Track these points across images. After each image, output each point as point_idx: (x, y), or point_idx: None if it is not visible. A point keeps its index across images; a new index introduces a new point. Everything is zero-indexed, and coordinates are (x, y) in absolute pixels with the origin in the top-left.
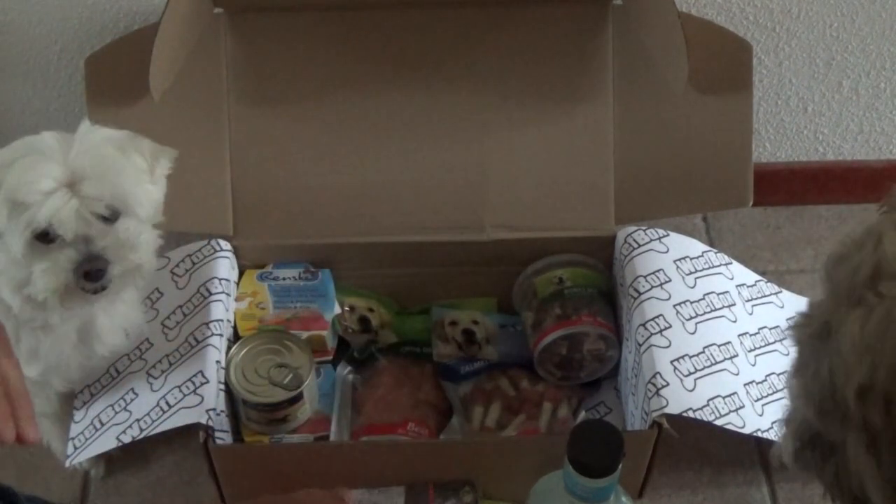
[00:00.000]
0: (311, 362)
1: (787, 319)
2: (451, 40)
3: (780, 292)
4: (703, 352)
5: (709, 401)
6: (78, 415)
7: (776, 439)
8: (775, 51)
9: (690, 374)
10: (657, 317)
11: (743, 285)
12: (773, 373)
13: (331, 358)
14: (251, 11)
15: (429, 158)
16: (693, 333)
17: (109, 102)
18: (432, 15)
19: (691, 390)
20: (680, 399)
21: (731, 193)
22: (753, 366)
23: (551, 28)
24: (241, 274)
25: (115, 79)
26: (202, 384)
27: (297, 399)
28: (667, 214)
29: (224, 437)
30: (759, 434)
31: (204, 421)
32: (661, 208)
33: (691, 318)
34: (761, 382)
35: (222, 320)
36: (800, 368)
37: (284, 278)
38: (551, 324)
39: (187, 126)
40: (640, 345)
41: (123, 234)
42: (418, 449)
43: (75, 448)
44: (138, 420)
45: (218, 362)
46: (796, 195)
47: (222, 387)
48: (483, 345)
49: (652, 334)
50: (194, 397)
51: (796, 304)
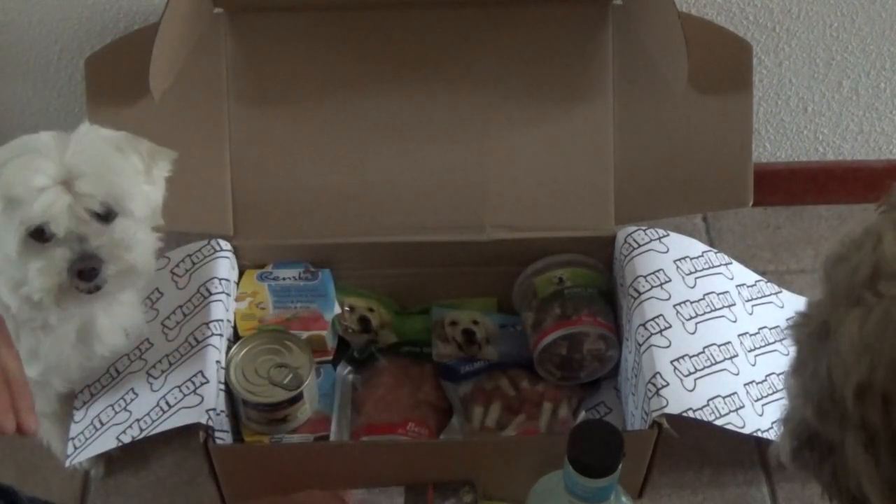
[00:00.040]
0: (311, 362)
1: (786, 319)
2: (451, 40)
3: (780, 292)
4: (703, 352)
5: (709, 401)
6: (78, 415)
7: (776, 439)
8: (775, 51)
9: (690, 374)
10: (657, 317)
11: (743, 285)
12: (773, 373)
13: (331, 358)
14: (251, 11)
15: (429, 158)
16: (693, 333)
17: (109, 102)
18: (432, 15)
19: (691, 390)
20: (680, 399)
21: (731, 193)
22: (753, 366)
23: (551, 28)
24: (241, 274)
25: (115, 79)
26: (202, 384)
27: (297, 399)
28: (667, 214)
29: (224, 437)
30: (759, 434)
31: (204, 421)
32: (661, 208)
33: (691, 318)
34: (761, 382)
35: (222, 320)
36: (798, 368)
37: (284, 278)
38: (551, 324)
39: (187, 126)
40: (640, 345)
41: (118, 233)
42: (418, 449)
43: (75, 448)
44: (138, 420)
45: (218, 362)
46: (796, 195)
47: (222, 387)
48: (483, 345)
49: (652, 334)
50: (194, 397)
51: (796, 304)
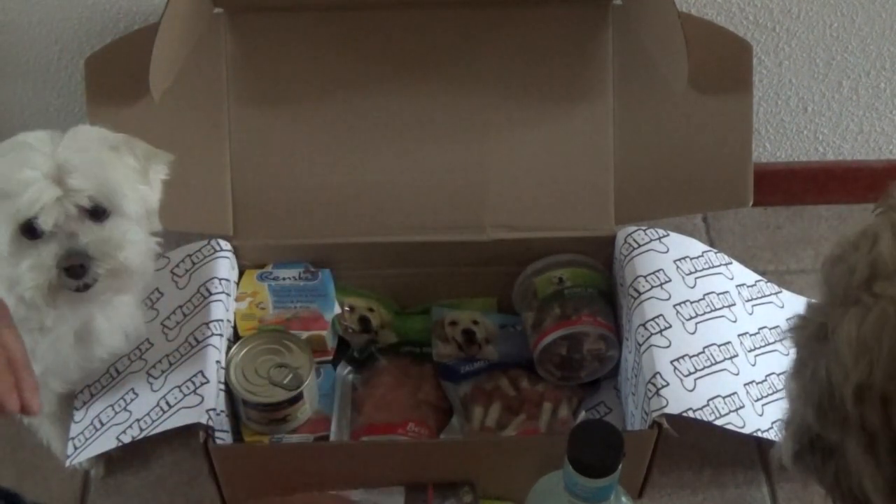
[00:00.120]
0: (311, 362)
1: (786, 320)
2: (451, 40)
3: (780, 292)
4: (703, 352)
5: (709, 401)
6: (78, 415)
7: (776, 439)
8: (775, 51)
9: (690, 374)
10: (657, 317)
11: (743, 285)
12: (773, 373)
13: (331, 358)
14: (251, 11)
15: (429, 158)
16: (693, 333)
17: (109, 102)
18: (432, 15)
19: (691, 390)
20: (680, 399)
21: (731, 193)
22: (753, 366)
23: (551, 28)
24: (241, 274)
25: (115, 79)
26: (202, 384)
27: (297, 399)
28: (667, 214)
29: (224, 437)
30: (759, 434)
31: (204, 421)
32: (661, 208)
33: (691, 318)
34: (761, 382)
35: (222, 320)
36: (798, 370)
37: (284, 278)
38: (551, 324)
39: (187, 126)
40: (640, 345)
41: (109, 231)
42: (418, 449)
43: (75, 448)
44: (138, 420)
45: (218, 362)
46: (796, 195)
47: (222, 387)
48: (483, 345)
49: (652, 334)
50: (194, 397)
51: (796, 304)
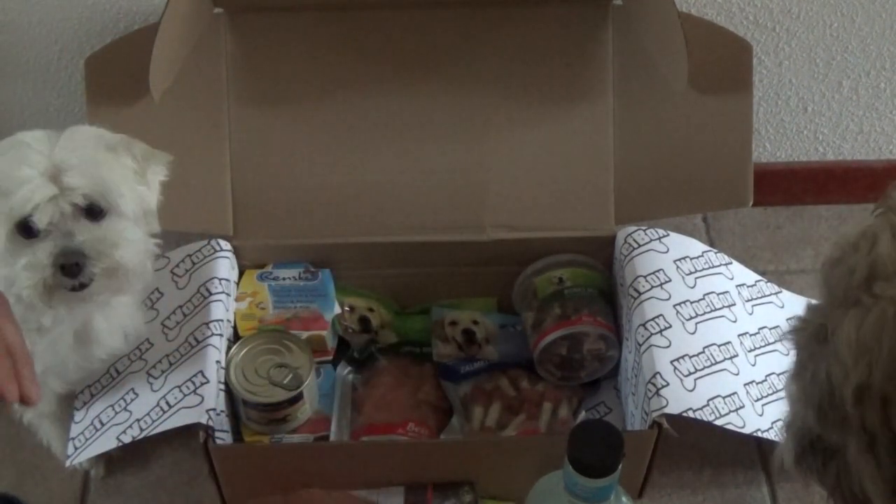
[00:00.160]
0: (311, 362)
1: (787, 320)
2: (451, 40)
3: (780, 292)
4: (703, 352)
5: (709, 401)
6: (78, 415)
7: (777, 439)
8: (775, 51)
9: (690, 374)
10: (657, 317)
11: (743, 285)
12: (773, 373)
13: (331, 358)
14: (251, 11)
15: (429, 158)
16: (693, 333)
17: (109, 102)
18: (432, 15)
19: (691, 390)
20: (680, 399)
21: (731, 193)
22: (753, 366)
23: (551, 28)
24: (241, 274)
25: (115, 79)
26: (202, 384)
27: (297, 399)
28: (667, 214)
29: (224, 437)
30: (759, 434)
31: (204, 421)
32: (661, 208)
33: (691, 318)
34: (761, 382)
35: (222, 320)
36: (798, 372)
37: (284, 278)
38: (551, 324)
39: (187, 126)
40: (640, 345)
41: (105, 230)
42: (418, 449)
43: (75, 448)
44: (138, 420)
45: (218, 362)
46: (796, 195)
47: (222, 387)
48: (483, 345)
49: (652, 334)
50: (194, 397)
51: (796, 304)
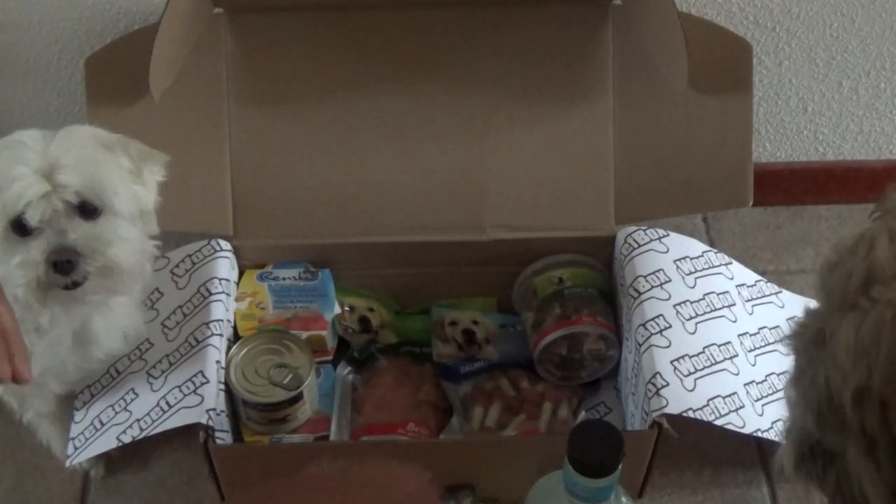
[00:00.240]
0: (311, 362)
1: (787, 320)
2: (451, 40)
3: (780, 292)
4: (703, 352)
5: (709, 401)
6: (78, 415)
7: (777, 439)
8: (775, 51)
9: (690, 374)
10: (657, 317)
11: (743, 285)
12: (773, 373)
13: (331, 358)
14: (251, 11)
15: (429, 158)
16: (693, 333)
17: (109, 102)
18: (432, 15)
19: (691, 390)
20: (680, 399)
21: (731, 193)
22: (753, 366)
23: (551, 28)
24: (241, 274)
25: (115, 79)
26: (202, 384)
27: (297, 399)
28: (667, 214)
29: (224, 437)
30: (759, 434)
31: (204, 421)
32: (661, 208)
33: (691, 318)
34: (761, 382)
35: (222, 320)
36: (797, 377)
37: (284, 278)
38: (551, 324)
39: (187, 126)
40: (640, 345)
41: (99, 228)
42: (418, 449)
43: (75, 448)
44: (138, 420)
45: (218, 362)
46: (796, 195)
47: (222, 387)
48: (483, 345)
49: (652, 334)
50: (194, 397)
51: (796, 304)
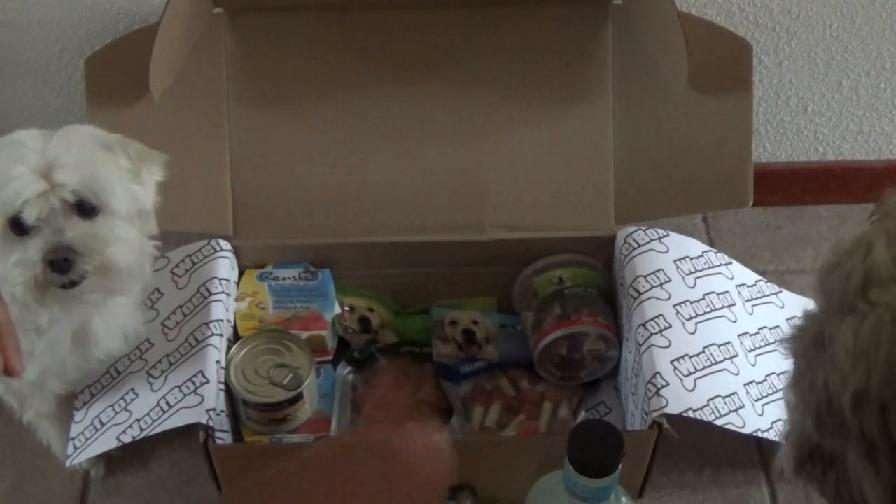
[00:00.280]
0: (311, 362)
1: (787, 320)
2: (451, 40)
3: (780, 292)
4: (703, 352)
5: (709, 401)
6: (78, 415)
7: (777, 439)
8: (775, 51)
9: (690, 374)
10: (657, 317)
11: (743, 285)
12: (773, 373)
13: (331, 358)
14: (251, 11)
15: (429, 158)
16: (693, 333)
17: (109, 102)
18: (432, 15)
19: (691, 390)
20: (680, 399)
21: (731, 193)
22: (753, 366)
23: (551, 28)
24: (241, 274)
25: (115, 79)
26: (202, 384)
27: (297, 399)
28: (667, 214)
29: (224, 437)
30: (759, 434)
31: (204, 421)
32: (661, 208)
33: (691, 318)
34: (761, 382)
35: (222, 320)
36: (796, 380)
37: (284, 278)
38: (551, 324)
39: (187, 126)
40: (640, 345)
41: (96, 228)
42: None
43: (75, 448)
44: (138, 420)
45: (218, 362)
46: (796, 195)
47: (222, 387)
48: (483, 345)
49: (652, 334)
50: (194, 397)
51: (796, 304)
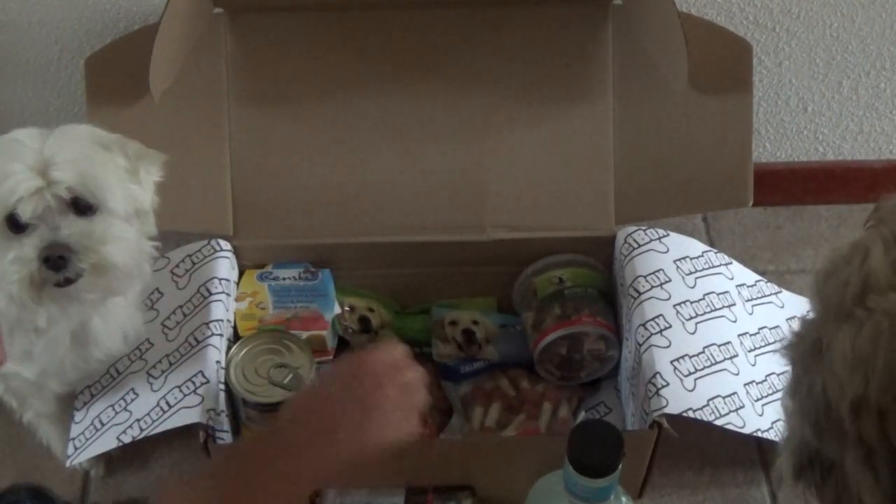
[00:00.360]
0: (311, 362)
1: (786, 320)
2: (451, 40)
3: (780, 292)
4: (703, 352)
5: (709, 401)
6: (78, 415)
7: (776, 439)
8: (775, 51)
9: (690, 374)
10: (657, 317)
11: (743, 285)
12: (773, 373)
13: (331, 358)
14: (251, 11)
15: (429, 158)
16: (693, 333)
17: (109, 102)
18: (432, 15)
19: (691, 390)
20: (680, 399)
21: (731, 193)
22: (753, 366)
23: (551, 28)
24: (241, 274)
25: (115, 79)
26: (202, 384)
27: None
28: (667, 214)
29: (224, 437)
30: (759, 434)
31: (204, 421)
32: (661, 208)
33: (691, 318)
34: (761, 382)
35: (222, 320)
36: (794, 387)
37: (284, 278)
38: (551, 324)
39: (187, 126)
40: (640, 345)
41: (92, 226)
42: (418, 449)
43: (75, 448)
44: (138, 420)
45: (218, 362)
46: (796, 195)
47: (222, 387)
48: (483, 345)
49: (652, 334)
50: (194, 397)
51: (796, 304)
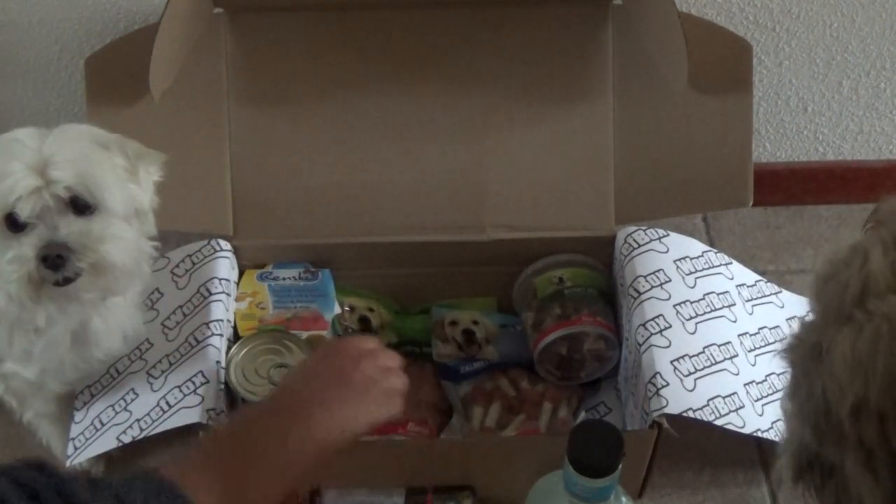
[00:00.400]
0: None
1: (787, 320)
2: (451, 40)
3: (780, 292)
4: (703, 352)
5: (709, 401)
6: (78, 415)
7: (777, 439)
8: (775, 51)
9: (690, 374)
10: (657, 317)
11: (743, 285)
12: (773, 373)
13: None
14: (251, 11)
15: (429, 158)
16: (693, 333)
17: (109, 102)
18: (432, 15)
19: (691, 390)
20: (680, 399)
21: (731, 193)
22: (753, 366)
23: (551, 28)
24: (241, 274)
25: (115, 79)
26: (202, 384)
27: None
28: (667, 214)
29: None
30: (759, 434)
31: (204, 421)
32: (661, 208)
33: (691, 318)
34: (761, 382)
35: (222, 320)
36: (794, 390)
37: (284, 278)
38: (551, 324)
39: (187, 126)
40: (640, 345)
41: (91, 225)
42: (418, 449)
43: (75, 448)
44: (138, 420)
45: (218, 362)
46: (796, 195)
47: (222, 387)
48: (483, 345)
49: (652, 334)
50: (194, 397)
51: (796, 304)
